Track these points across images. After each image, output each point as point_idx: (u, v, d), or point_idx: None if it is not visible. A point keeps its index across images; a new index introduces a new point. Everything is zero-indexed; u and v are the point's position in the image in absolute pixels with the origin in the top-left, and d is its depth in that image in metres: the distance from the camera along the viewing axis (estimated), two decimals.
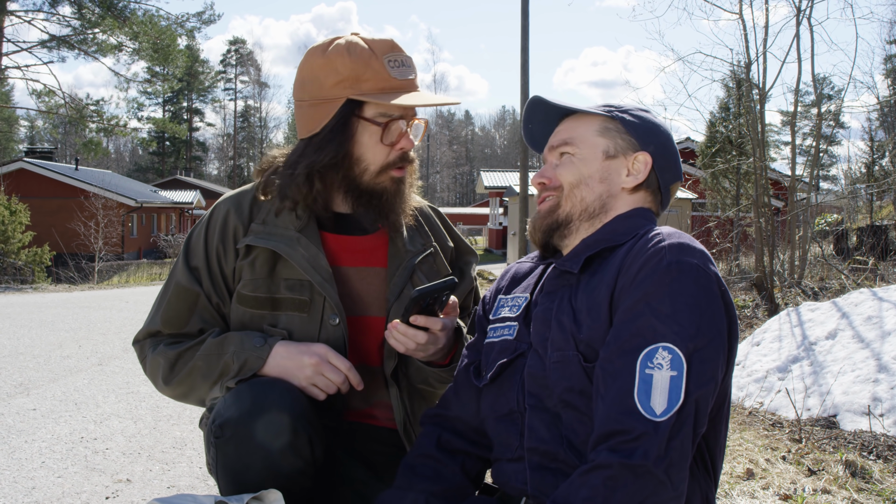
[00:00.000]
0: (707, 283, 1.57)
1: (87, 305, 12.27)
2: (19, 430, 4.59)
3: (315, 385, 1.97)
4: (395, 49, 2.07)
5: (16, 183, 31.05)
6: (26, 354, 7.26)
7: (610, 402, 1.53)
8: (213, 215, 2.18)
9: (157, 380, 2.12)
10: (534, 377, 1.72)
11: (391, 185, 2.12)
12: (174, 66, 27.59)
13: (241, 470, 1.87)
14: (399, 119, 2.07)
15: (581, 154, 1.82)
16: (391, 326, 1.98)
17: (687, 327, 1.52)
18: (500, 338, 1.86)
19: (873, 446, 3.96)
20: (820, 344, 5.86)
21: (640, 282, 1.58)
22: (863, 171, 27.05)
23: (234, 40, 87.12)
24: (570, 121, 1.90)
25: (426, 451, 1.90)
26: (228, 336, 2.03)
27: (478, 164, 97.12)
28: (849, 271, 11.35)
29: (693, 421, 1.51)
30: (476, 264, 2.47)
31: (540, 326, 1.74)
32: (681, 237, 1.63)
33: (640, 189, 1.82)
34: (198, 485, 3.69)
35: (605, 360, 1.57)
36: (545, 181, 1.86)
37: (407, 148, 2.11)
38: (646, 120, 1.86)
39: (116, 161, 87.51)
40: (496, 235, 37.51)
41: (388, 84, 2.03)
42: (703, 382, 1.52)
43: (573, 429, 1.65)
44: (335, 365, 1.97)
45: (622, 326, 1.57)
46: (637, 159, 1.82)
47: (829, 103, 20.85)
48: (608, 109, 1.86)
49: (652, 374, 1.50)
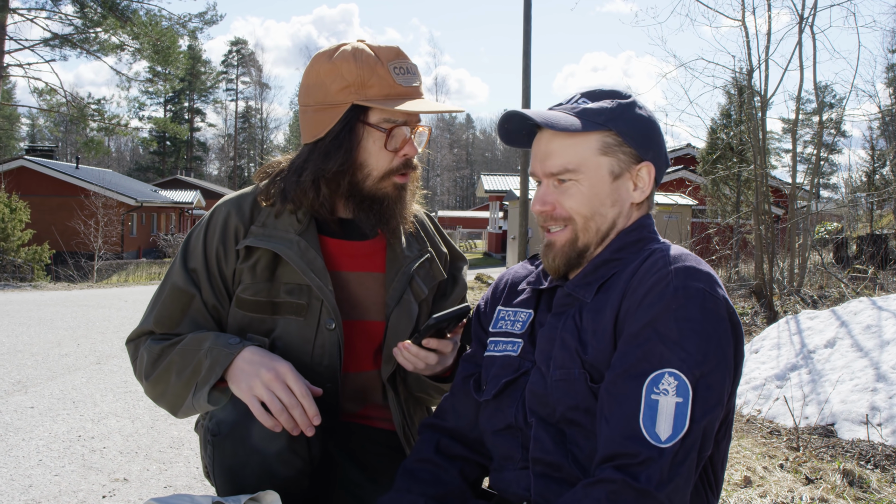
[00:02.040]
0: (714, 307, 1.56)
1: (86, 304, 12.27)
2: (17, 427, 4.59)
3: (259, 399, 1.83)
4: (401, 56, 2.08)
5: (16, 181, 31.07)
6: (25, 352, 7.25)
7: (614, 425, 1.52)
8: (213, 217, 2.18)
9: (141, 376, 2.10)
10: (535, 394, 1.71)
11: (393, 191, 2.12)
12: (175, 67, 27.60)
13: (238, 469, 1.88)
14: (403, 125, 2.07)
15: (586, 180, 1.72)
16: (402, 347, 1.98)
17: (693, 354, 1.51)
18: (501, 353, 1.84)
19: (871, 455, 3.96)
20: (819, 352, 5.86)
21: (646, 307, 1.56)
22: (863, 179, 27.10)
23: (236, 41, 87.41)
24: (561, 135, 1.73)
25: (425, 456, 1.90)
26: (207, 334, 2.01)
27: (478, 167, 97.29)
28: (848, 280, 11.36)
29: (698, 446, 1.51)
30: (466, 268, 2.48)
31: (545, 345, 1.73)
32: (686, 259, 1.62)
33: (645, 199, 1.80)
34: (195, 485, 3.69)
35: (611, 383, 1.56)
36: (548, 209, 1.76)
37: (410, 154, 2.11)
38: (639, 121, 1.75)
39: (117, 160, 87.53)
40: (496, 239, 37.55)
41: (393, 90, 2.04)
42: (709, 409, 1.51)
43: (577, 444, 1.64)
44: (290, 387, 1.84)
45: (628, 351, 1.56)
46: (641, 171, 1.75)
47: (830, 111, 20.87)
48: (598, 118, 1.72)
49: (658, 400, 1.50)
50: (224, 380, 1.91)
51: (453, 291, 2.39)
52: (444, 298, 2.37)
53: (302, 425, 1.84)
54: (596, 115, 1.73)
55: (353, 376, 2.19)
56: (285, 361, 1.89)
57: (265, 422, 1.82)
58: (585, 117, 1.73)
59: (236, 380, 1.88)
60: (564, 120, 1.72)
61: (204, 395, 1.89)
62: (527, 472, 1.71)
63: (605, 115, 1.73)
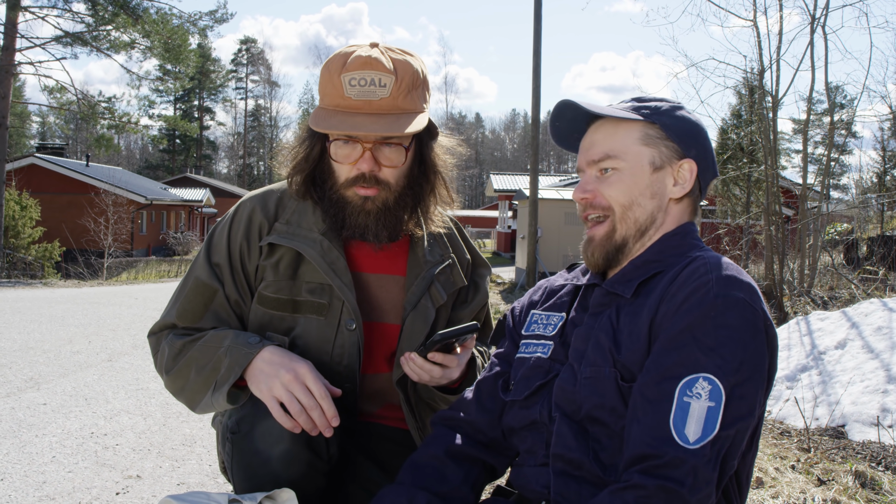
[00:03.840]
0: (753, 318, 1.55)
1: (96, 301, 12.33)
2: (30, 424, 4.62)
3: (279, 400, 1.84)
4: (368, 66, 1.98)
5: (27, 178, 31.24)
6: (36, 349, 7.30)
7: (645, 426, 1.52)
8: (237, 212, 2.19)
9: (161, 370, 2.12)
10: (563, 391, 1.71)
11: (359, 201, 2.09)
12: (186, 65, 27.64)
13: (256, 467, 1.88)
14: (347, 139, 2.04)
15: (627, 168, 1.74)
16: (408, 357, 2.00)
17: (730, 361, 1.51)
18: (532, 354, 1.84)
19: (882, 457, 3.95)
20: (829, 353, 5.84)
21: (684, 312, 1.56)
22: (874, 180, 27.00)
23: (245, 39, 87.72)
24: (605, 126, 1.79)
25: (434, 453, 1.89)
26: (228, 332, 2.02)
27: (487, 166, 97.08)
28: (859, 281, 11.31)
29: (726, 453, 1.51)
30: (489, 276, 2.49)
31: (579, 343, 1.73)
32: (728, 268, 1.61)
33: (685, 197, 1.79)
34: (207, 482, 3.71)
35: (644, 385, 1.56)
36: (588, 196, 1.78)
37: (362, 169, 2.05)
38: (684, 120, 1.79)
39: (127, 158, 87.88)
40: (505, 239, 37.50)
41: (343, 102, 2.00)
42: (740, 417, 1.51)
43: (600, 442, 1.64)
44: (309, 388, 1.85)
45: (664, 354, 1.56)
46: (682, 167, 1.76)
47: (841, 112, 20.78)
48: (643, 111, 1.78)
49: (690, 403, 1.49)
50: (243, 379, 1.93)
51: (474, 298, 2.38)
52: (465, 305, 2.36)
53: (320, 426, 1.84)
54: (641, 109, 1.78)
55: (371, 377, 2.20)
56: (305, 361, 1.90)
57: (284, 423, 1.83)
58: (631, 110, 1.78)
59: (256, 380, 1.89)
60: (609, 110, 1.78)
61: (223, 393, 1.90)
62: (546, 469, 1.71)
63: (650, 110, 1.78)
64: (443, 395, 2.14)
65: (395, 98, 2.01)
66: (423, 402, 2.24)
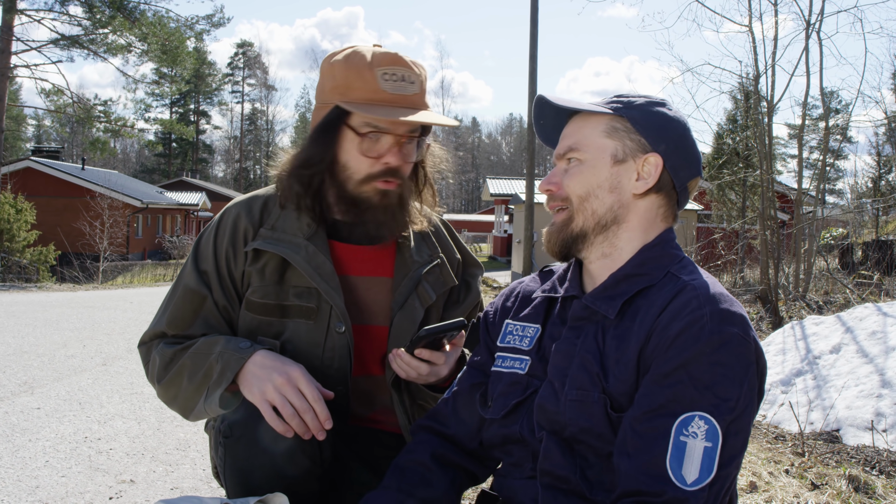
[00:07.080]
0: (746, 352, 1.53)
1: (91, 305, 12.30)
2: (23, 428, 4.60)
3: (271, 403, 1.84)
4: (398, 63, 2.04)
5: (22, 181, 31.15)
6: (31, 353, 7.28)
7: (639, 462, 1.50)
8: (223, 219, 2.19)
9: (153, 379, 2.11)
10: (544, 410, 1.68)
11: (376, 196, 2.10)
12: (182, 68, 27.64)
13: (249, 471, 1.88)
14: (385, 132, 2.05)
15: (588, 159, 1.72)
16: (395, 354, 2.00)
17: (726, 400, 1.49)
18: (509, 369, 1.81)
19: (876, 461, 3.96)
20: (824, 358, 5.86)
21: (678, 348, 1.53)
22: (869, 185, 27.07)
23: (242, 43, 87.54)
24: (577, 120, 1.78)
25: (419, 458, 1.87)
26: (219, 338, 2.02)
27: (484, 171, 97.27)
28: (854, 286, 11.33)
29: (723, 492, 1.50)
30: (481, 276, 2.48)
31: (560, 360, 1.70)
32: (721, 301, 1.58)
33: (650, 193, 1.72)
34: (201, 487, 3.70)
35: (636, 419, 1.54)
36: (552, 188, 1.78)
37: (392, 164, 2.08)
38: (656, 115, 1.74)
39: (123, 161, 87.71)
40: (501, 243, 37.53)
41: (377, 96, 2.02)
42: (736, 453, 1.51)
43: (587, 459, 1.63)
44: (302, 391, 1.84)
45: (658, 390, 1.53)
46: (647, 161, 1.71)
47: (836, 117, 20.86)
48: (615, 106, 1.75)
49: (686, 442, 1.48)
50: (235, 383, 1.92)
51: (466, 298, 2.38)
52: (457, 305, 2.35)
53: (313, 429, 1.84)
54: (614, 103, 1.76)
55: (362, 380, 2.20)
56: (297, 365, 1.90)
57: (277, 426, 1.82)
58: (605, 104, 1.76)
59: (248, 384, 1.88)
60: (580, 104, 1.77)
61: (215, 399, 1.90)
62: (534, 482, 1.70)
63: (622, 104, 1.75)
64: (433, 395, 2.14)
65: (422, 94, 2.09)
66: (416, 404, 2.24)
